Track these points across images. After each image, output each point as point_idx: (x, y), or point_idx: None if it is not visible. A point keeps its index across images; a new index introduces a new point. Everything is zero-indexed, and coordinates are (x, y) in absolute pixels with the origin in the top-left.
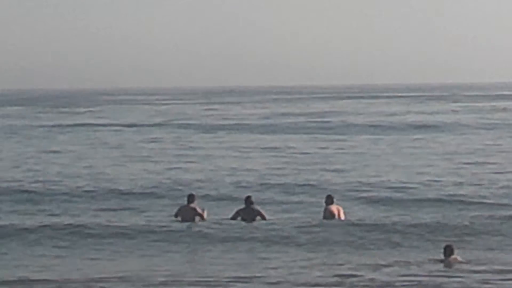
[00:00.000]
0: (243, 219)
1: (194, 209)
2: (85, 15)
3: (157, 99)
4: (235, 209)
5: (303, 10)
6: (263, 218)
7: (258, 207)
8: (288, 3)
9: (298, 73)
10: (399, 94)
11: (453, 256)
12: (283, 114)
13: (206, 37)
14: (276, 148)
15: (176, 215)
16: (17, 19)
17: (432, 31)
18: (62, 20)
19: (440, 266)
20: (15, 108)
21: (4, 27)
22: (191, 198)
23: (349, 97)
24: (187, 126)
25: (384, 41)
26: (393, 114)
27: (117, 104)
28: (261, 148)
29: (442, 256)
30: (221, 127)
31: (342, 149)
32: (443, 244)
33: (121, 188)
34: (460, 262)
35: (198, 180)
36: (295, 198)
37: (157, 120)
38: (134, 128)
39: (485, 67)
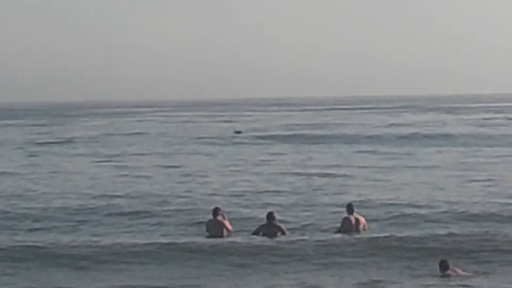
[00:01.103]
0: (264, 235)
1: (222, 223)
2: (91, 25)
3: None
4: (258, 225)
5: (312, 20)
6: (284, 233)
7: (279, 223)
8: (298, 12)
9: (308, 85)
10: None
11: (449, 270)
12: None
13: (211, 49)
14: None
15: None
16: (16, 29)
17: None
18: (67, 31)
19: (439, 280)
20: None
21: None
22: (216, 211)
23: (356, 109)
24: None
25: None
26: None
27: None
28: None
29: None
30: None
31: (350, 162)
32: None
33: (134, 206)
34: (459, 275)
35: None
36: (316, 210)
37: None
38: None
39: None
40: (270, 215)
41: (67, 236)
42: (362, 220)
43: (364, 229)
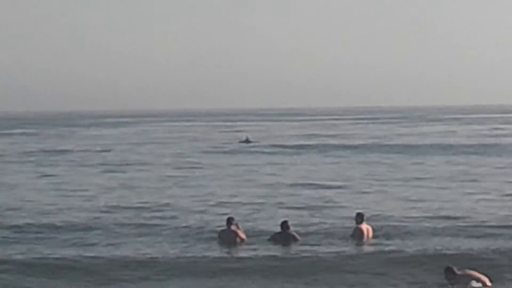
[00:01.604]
0: (278, 243)
1: (235, 232)
2: (92, 36)
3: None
4: (272, 233)
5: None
6: (296, 240)
7: (293, 232)
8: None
9: (317, 95)
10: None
11: (460, 272)
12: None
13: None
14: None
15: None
16: (21, 40)
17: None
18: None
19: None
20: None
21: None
22: (230, 220)
23: (364, 119)
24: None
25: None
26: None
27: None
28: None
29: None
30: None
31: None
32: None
33: (144, 218)
34: (469, 274)
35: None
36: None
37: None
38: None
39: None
40: (284, 224)
41: (75, 249)
42: (371, 230)
43: (372, 238)
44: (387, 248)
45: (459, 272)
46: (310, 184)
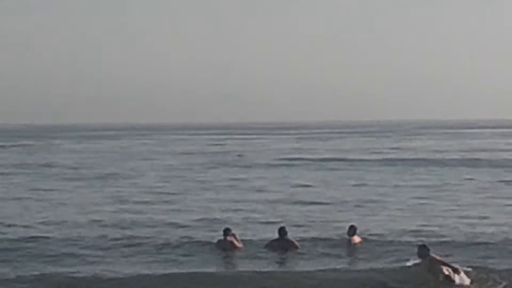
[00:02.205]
0: (275, 249)
1: (231, 242)
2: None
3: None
4: (270, 240)
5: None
6: (296, 247)
7: (291, 238)
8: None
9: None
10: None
11: (430, 255)
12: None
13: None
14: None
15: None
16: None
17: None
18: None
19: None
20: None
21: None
22: (227, 231)
23: (357, 132)
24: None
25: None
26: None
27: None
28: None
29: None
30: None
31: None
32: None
33: (138, 234)
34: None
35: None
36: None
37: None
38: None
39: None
40: (281, 230)
41: (60, 265)
42: (362, 242)
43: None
44: (377, 262)
45: (433, 255)
46: (301, 198)
